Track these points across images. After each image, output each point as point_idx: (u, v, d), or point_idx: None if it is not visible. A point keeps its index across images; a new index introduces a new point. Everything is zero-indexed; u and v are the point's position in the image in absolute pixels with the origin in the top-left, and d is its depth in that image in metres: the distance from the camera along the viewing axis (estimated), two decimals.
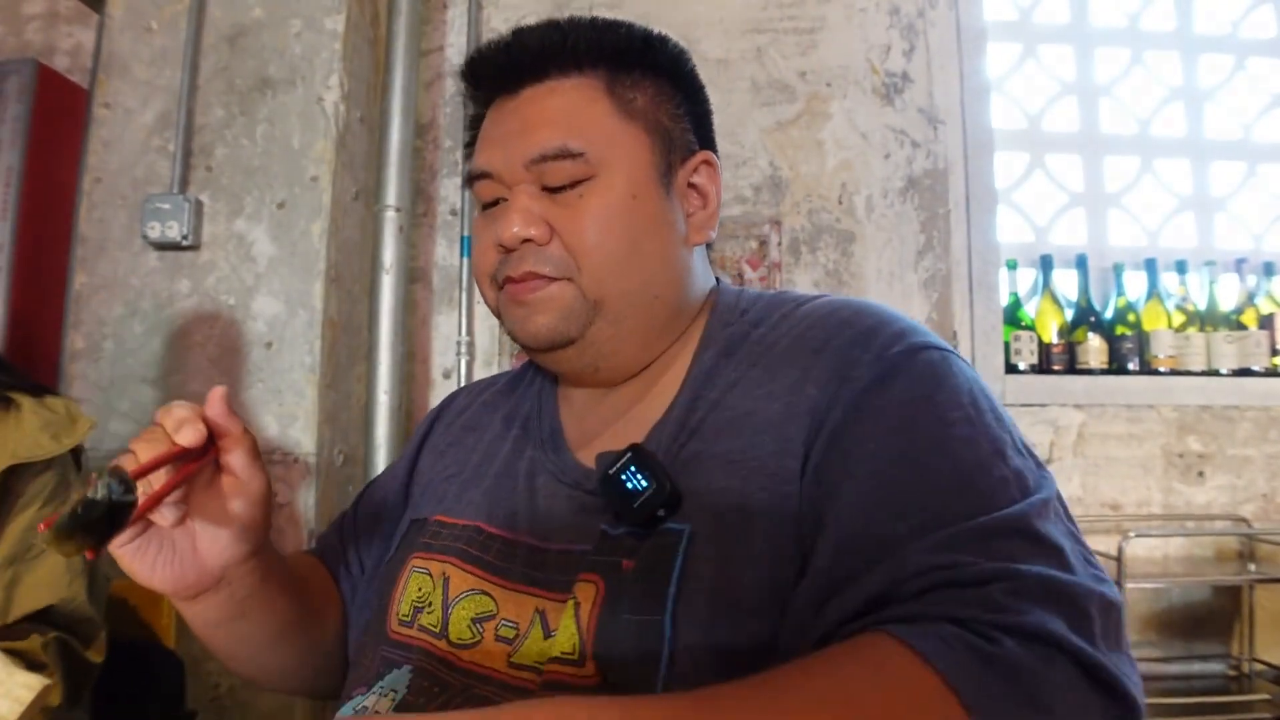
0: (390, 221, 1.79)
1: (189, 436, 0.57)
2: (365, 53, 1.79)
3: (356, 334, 1.77)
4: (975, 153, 2.00)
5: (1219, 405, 1.97)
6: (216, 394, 0.60)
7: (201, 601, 0.66)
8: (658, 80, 0.70)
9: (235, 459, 0.60)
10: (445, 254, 1.96)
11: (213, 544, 0.62)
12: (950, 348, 0.61)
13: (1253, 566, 1.91)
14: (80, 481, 1.09)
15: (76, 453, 1.13)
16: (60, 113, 1.74)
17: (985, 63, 2.04)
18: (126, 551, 0.60)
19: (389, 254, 1.79)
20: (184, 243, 1.60)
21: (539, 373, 0.79)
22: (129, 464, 0.55)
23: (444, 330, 1.94)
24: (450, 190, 1.97)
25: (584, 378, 0.71)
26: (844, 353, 0.59)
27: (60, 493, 1.06)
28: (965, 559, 0.47)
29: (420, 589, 0.67)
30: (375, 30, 1.84)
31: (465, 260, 1.92)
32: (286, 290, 1.62)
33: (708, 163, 0.72)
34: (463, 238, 1.92)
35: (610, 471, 0.60)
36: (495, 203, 0.69)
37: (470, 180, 0.71)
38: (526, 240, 0.65)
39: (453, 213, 1.96)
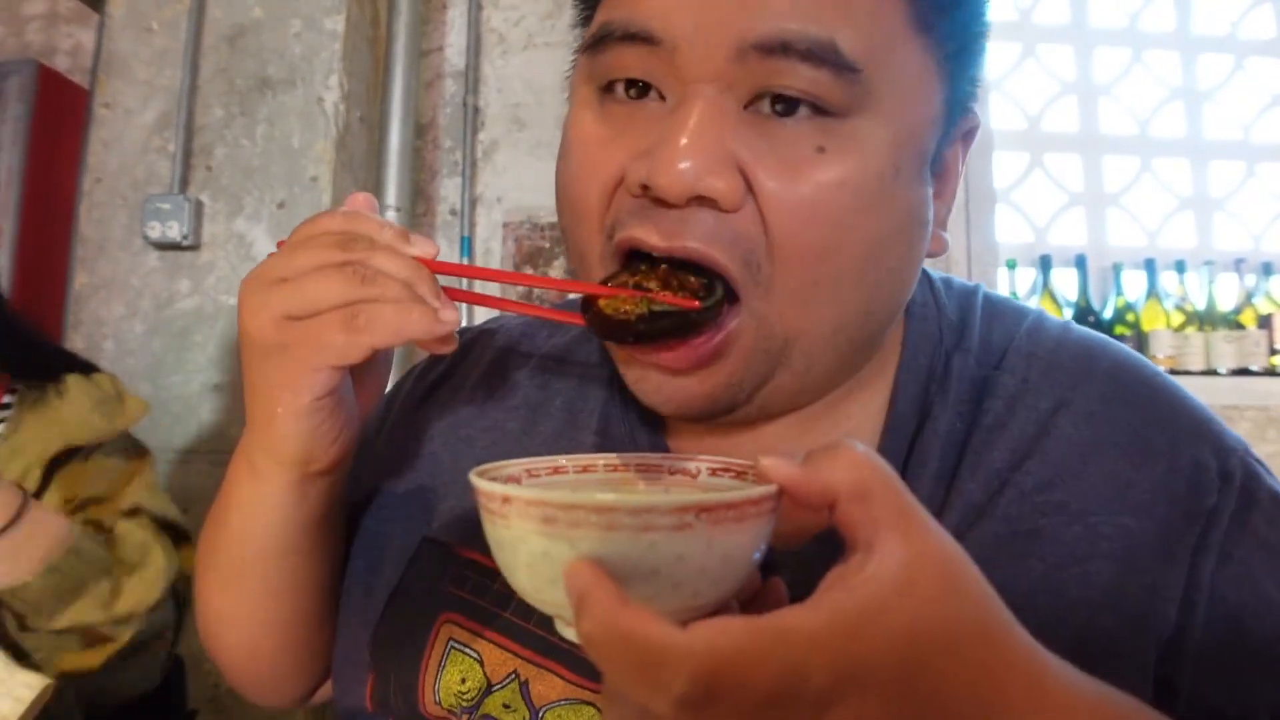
0: (390, 220, 1.79)
1: (429, 247, 0.43)
2: (365, 53, 1.80)
3: None
4: (974, 152, 1.99)
5: (1217, 405, 1.97)
6: (361, 200, 0.47)
7: (335, 474, 0.51)
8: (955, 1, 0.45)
9: None
10: (445, 254, 1.96)
11: (372, 381, 0.50)
12: (1245, 441, 0.50)
13: None
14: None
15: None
16: (61, 113, 1.75)
17: (984, 62, 2.04)
18: (325, 406, 0.44)
19: None
20: (184, 243, 1.60)
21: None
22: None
23: None
24: (450, 190, 1.97)
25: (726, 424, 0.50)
26: (1171, 466, 0.45)
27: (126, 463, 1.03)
28: None
29: (465, 680, 0.50)
30: (375, 30, 1.84)
31: (465, 260, 1.92)
32: None
33: (970, 131, 0.51)
34: (463, 238, 1.93)
35: None
36: (642, 90, 0.43)
37: (599, 40, 0.43)
38: (701, 198, 0.40)
39: (452, 213, 1.96)
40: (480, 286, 1.66)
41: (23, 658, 0.89)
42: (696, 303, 0.41)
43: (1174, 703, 0.43)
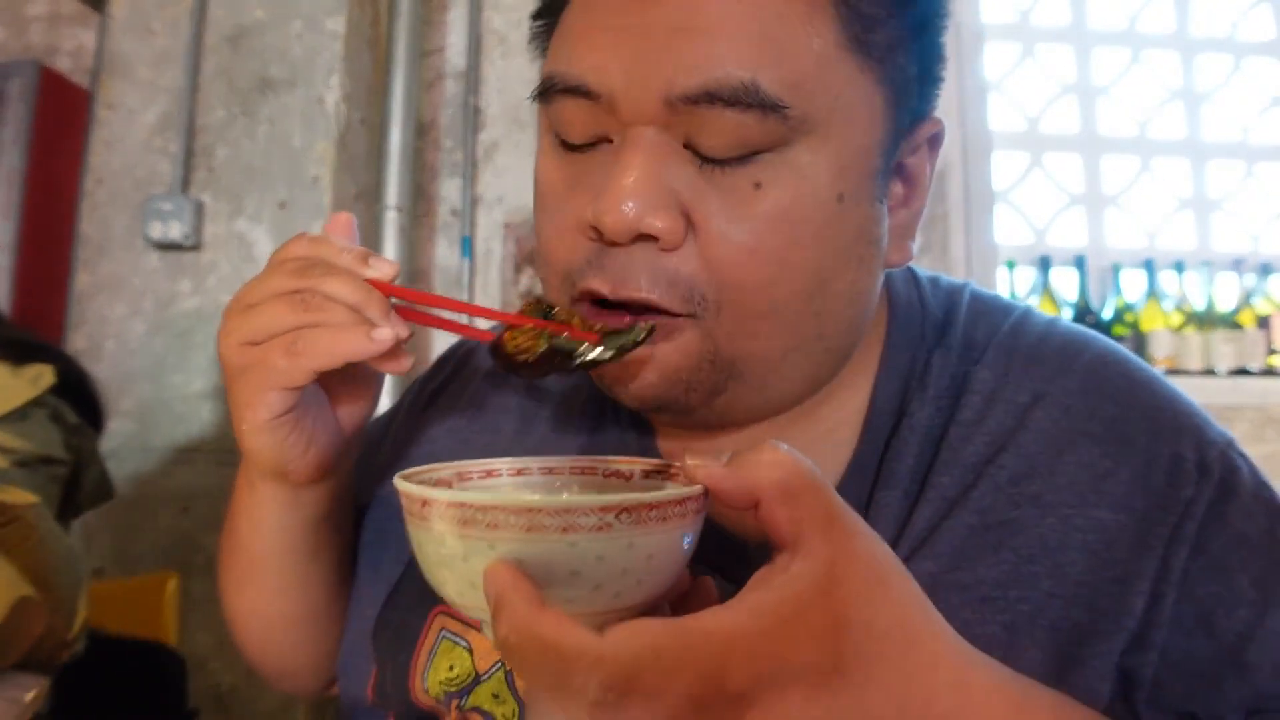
0: (391, 222, 1.80)
1: (386, 269, 0.45)
2: (366, 54, 1.80)
3: None
4: (973, 153, 2.00)
5: (1216, 405, 1.97)
6: (342, 222, 0.48)
7: (328, 482, 0.53)
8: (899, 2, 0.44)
9: None
10: (446, 254, 1.96)
11: (351, 401, 0.52)
12: (1231, 436, 0.48)
13: None
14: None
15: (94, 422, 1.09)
16: (62, 114, 1.75)
17: (983, 63, 2.05)
18: (286, 423, 0.46)
19: (389, 254, 1.79)
20: (185, 243, 1.61)
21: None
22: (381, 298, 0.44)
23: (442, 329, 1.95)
24: (451, 190, 1.98)
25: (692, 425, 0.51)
26: (1149, 459, 0.45)
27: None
28: None
29: (453, 669, 0.51)
30: (376, 31, 1.85)
31: (466, 261, 1.93)
32: None
33: (934, 137, 0.48)
34: (463, 238, 1.93)
35: None
36: (591, 144, 0.44)
37: (545, 90, 0.45)
38: (644, 237, 0.42)
39: (453, 213, 1.97)
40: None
41: None
42: (595, 335, 0.41)
43: (1135, 693, 0.43)
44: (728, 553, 0.40)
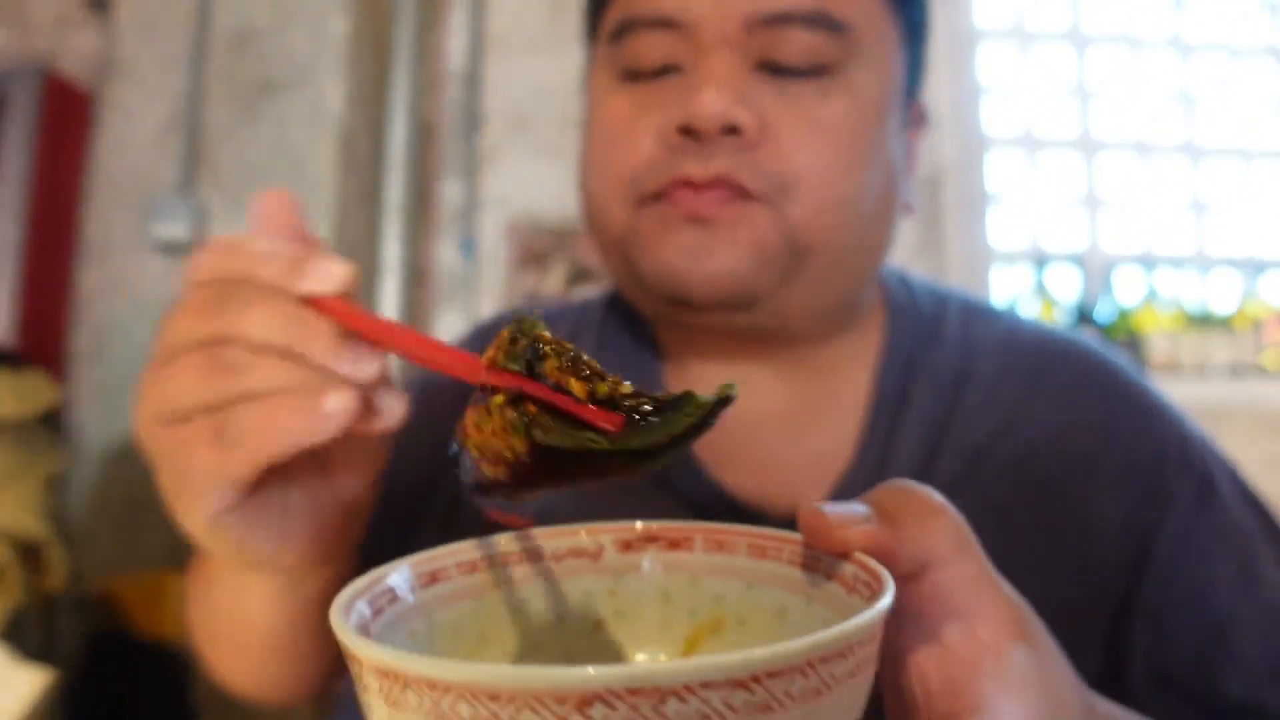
0: (393, 223, 1.81)
1: (328, 277, 0.34)
2: (368, 56, 1.81)
3: None
4: (969, 155, 2.01)
5: (1211, 406, 1.98)
6: (272, 204, 0.34)
7: (330, 564, 0.40)
8: None
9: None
10: (447, 254, 1.97)
11: (349, 462, 0.37)
12: (1208, 434, 0.53)
13: None
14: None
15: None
16: (67, 116, 1.76)
17: (977, 66, 2.06)
18: (245, 516, 0.33)
19: (391, 254, 1.80)
20: (189, 244, 1.62)
21: (619, 329, 0.57)
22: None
23: (445, 330, 1.96)
24: (453, 192, 1.99)
25: (733, 339, 0.50)
26: (1136, 449, 0.48)
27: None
28: None
29: None
30: (378, 33, 1.86)
31: (468, 262, 1.94)
32: None
33: (922, 115, 0.56)
34: (465, 240, 1.94)
35: None
36: (662, 71, 0.48)
37: (622, 30, 0.48)
38: (731, 130, 0.44)
39: (455, 215, 1.98)
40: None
41: None
42: (616, 416, 0.24)
43: (1129, 663, 0.46)
44: None
